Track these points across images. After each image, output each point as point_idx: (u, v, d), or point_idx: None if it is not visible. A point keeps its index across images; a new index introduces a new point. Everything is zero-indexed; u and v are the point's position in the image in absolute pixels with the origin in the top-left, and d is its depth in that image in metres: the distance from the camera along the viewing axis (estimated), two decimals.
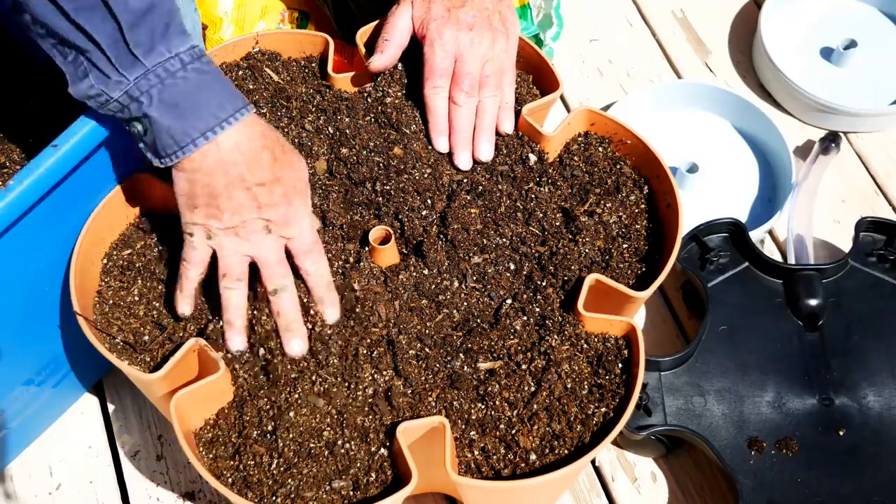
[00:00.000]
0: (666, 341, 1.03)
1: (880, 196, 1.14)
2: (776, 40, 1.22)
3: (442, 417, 0.72)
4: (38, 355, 0.86)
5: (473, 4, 0.85)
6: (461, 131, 0.85)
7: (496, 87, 0.86)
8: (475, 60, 0.84)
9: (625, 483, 0.94)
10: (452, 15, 0.84)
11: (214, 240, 0.74)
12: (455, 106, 0.85)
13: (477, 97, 0.85)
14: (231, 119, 0.70)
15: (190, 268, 0.76)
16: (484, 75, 0.85)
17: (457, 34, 0.84)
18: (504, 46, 0.86)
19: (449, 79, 0.85)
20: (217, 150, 0.70)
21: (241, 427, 0.74)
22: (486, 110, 0.86)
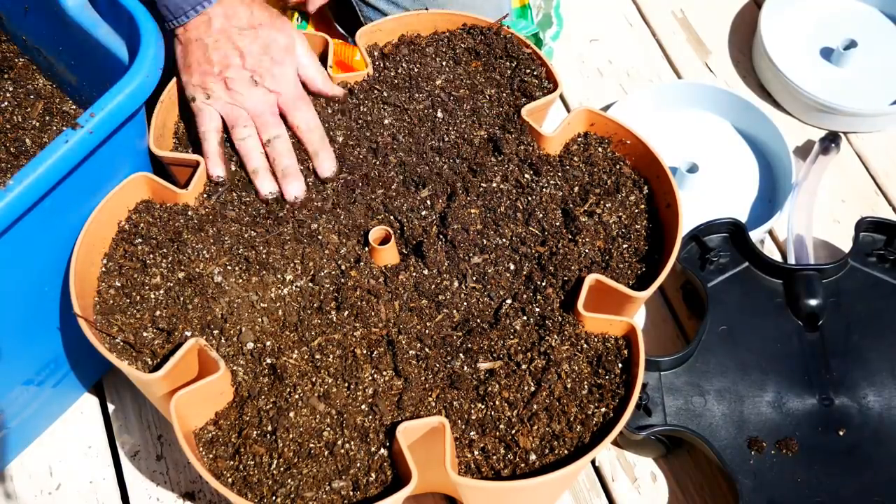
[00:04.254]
0: (666, 341, 1.03)
1: (880, 196, 1.14)
2: (776, 40, 1.22)
3: (442, 417, 0.72)
4: (38, 355, 0.86)
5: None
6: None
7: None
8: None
9: (625, 483, 0.94)
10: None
11: (212, 98, 0.82)
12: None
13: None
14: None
15: (205, 132, 0.83)
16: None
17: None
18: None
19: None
20: (205, 16, 0.81)
21: (241, 427, 0.74)
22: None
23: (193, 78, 0.83)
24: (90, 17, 0.81)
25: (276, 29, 0.84)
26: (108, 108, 0.73)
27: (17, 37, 0.93)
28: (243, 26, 0.82)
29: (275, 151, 0.83)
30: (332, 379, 0.77)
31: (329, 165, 0.84)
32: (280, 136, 0.84)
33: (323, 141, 0.85)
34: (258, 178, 0.83)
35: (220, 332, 0.77)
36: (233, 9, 0.82)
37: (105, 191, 0.79)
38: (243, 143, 0.83)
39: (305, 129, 0.85)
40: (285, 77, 0.84)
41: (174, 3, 0.80)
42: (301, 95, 0.85)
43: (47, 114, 0.91)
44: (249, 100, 0.83)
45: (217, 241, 0.82)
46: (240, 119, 0.83)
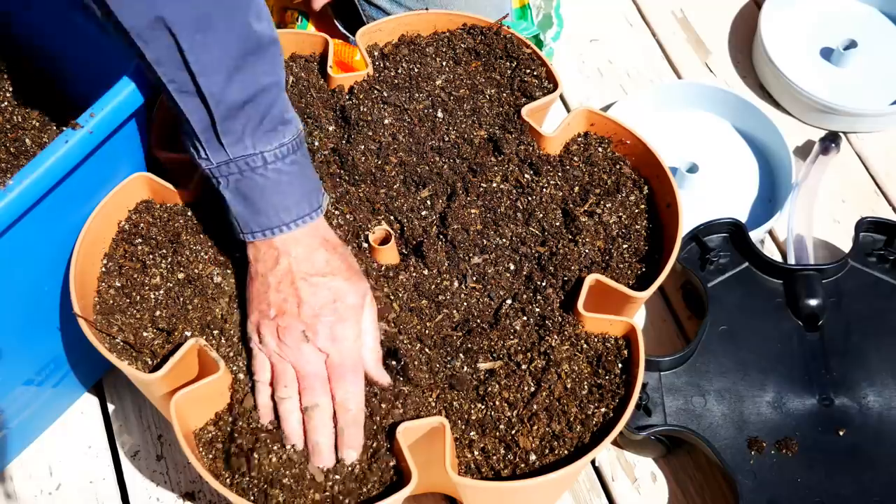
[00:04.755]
0: (666, 341, 1.03)
1: (880, 196, 1.14)
2: (776, 40, 1.22)
3: (442, 418, 0.72)
4: (39, 355, 0.86)
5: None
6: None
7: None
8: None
9: (625, 483, 0.94)
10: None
11: (263, 343, 0.74)
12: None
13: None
14: (292, 224, 0.73)
15: (257, 382, 0.75)
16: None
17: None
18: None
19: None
20: (274, 243, 0.74)
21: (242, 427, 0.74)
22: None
23: (252, 315, 0.75)
24: (90, 17, 0.81)
25: (349, 283, 0.75)
26: (108, 108, 0.73)
27: (18, 36, 0.93)
28: (312, 273, 0.73)
29: (311, 423, 0.73)
30: None
31: (351, 454, 0.73)
32: (319, 406, 0.73)
33: (357, 423, 0.74)
34: (289, 441, 0.74)
35: (220, 333, 0.77)
36: (308, 251, 0.74)
37: (105, 191, 0.79)
38: (282, 404, 0.74)
39: (342, 404, 0.74)
40: (342, 338, 0.74)
41: (243, 217, 0.73)
42: (352, 365, 0.74)
43: (47, 114, 0.91)
44: (297, 356, 0.73)
45: (217, 242, 0.82)
46: (284, 376, 0.74)
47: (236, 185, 0.72)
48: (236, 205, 0.73)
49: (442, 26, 0.95)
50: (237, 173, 0.71)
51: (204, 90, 0.68)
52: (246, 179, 0.72)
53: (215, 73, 0.67)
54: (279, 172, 0.72)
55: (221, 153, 0.71)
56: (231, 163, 0.71)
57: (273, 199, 0.72)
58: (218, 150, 0.71)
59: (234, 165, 0.71)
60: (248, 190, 0.72)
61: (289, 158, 0.72)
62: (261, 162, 0.71)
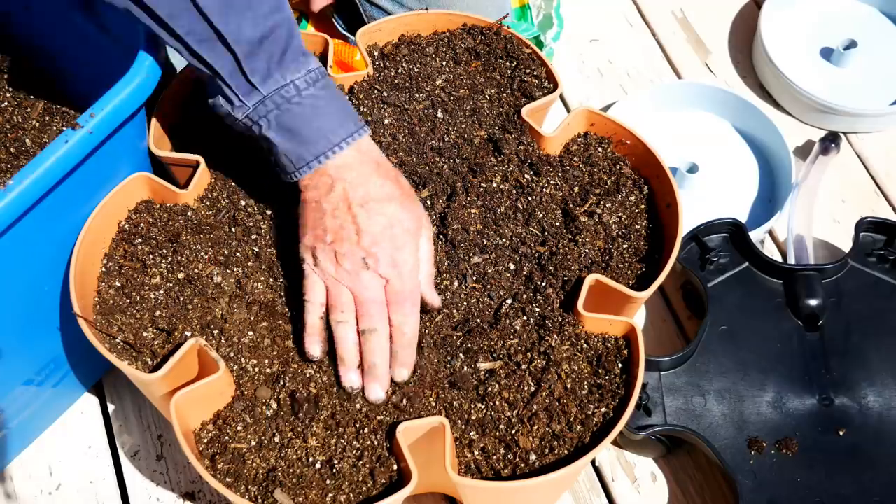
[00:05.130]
0: (666, 341, 1.03)
1: (880, 196, 1.14)
2: (776, 40, 1.22)
3: (442, 417, 0.72)
4: (38, 355, 0.86)
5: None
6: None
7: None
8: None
9: (625, 483, 0.94)
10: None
11: (319, 266, 0.75)
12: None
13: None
14: (343, 143, 0.73)
15: (308, 302, 0.76)
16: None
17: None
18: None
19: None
20: (327, 170, 0.73)
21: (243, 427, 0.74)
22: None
23: (306, 238, 0.75)
24: (90, 17, 0.81)
25: (405, 208, 0.75)
26: (108, 108, 0.73)
27: (18, 36, 0.93)
28: (368, 199, 0.73)
29: (368, 346, 0.75)
30: (331, 378, 0.77)
31: (404, 373, 0.76)
32: (377, 330, 0.75)
33: (411, 346, 0.76)
34: (344, 368, 0.75)
35: (219, 332, 0.77)
36: (363, 175, 0.74)
37: (105, 191, 0.79)
38: (338, 328, 0.75)
39: (398, 328, 0.75)
40: (402, 264, 0.75)
41: (294, 152, 0.73)
42: (411, 291, 0.75)
43: (47, 114, 0.91)
44: (356, 282, 0.74)
45: (216, 243, 0.82)
46: (340, 299, 0.75)
47: (277, 121, 0.72)
48: (283, 141, 0.73)
49: (442, 26, 0.95)
50: (275, 108, 0.72)
51: (222, 31, 0.68)
52: (285, 112, 0.72)
53: (227, 13, 0.68)
54: (315, 98, 0.72)
55: (255, 93, 0.71)
56: (266, 99, 0.72)
57: (317, 124, 0.72)
58: (250, 92, 0.71)
59: (269, 102, 0.72)
60: (290, 121, 0.72)
61: (320, 83, 0.73)
62: (294, 91, 0.72)
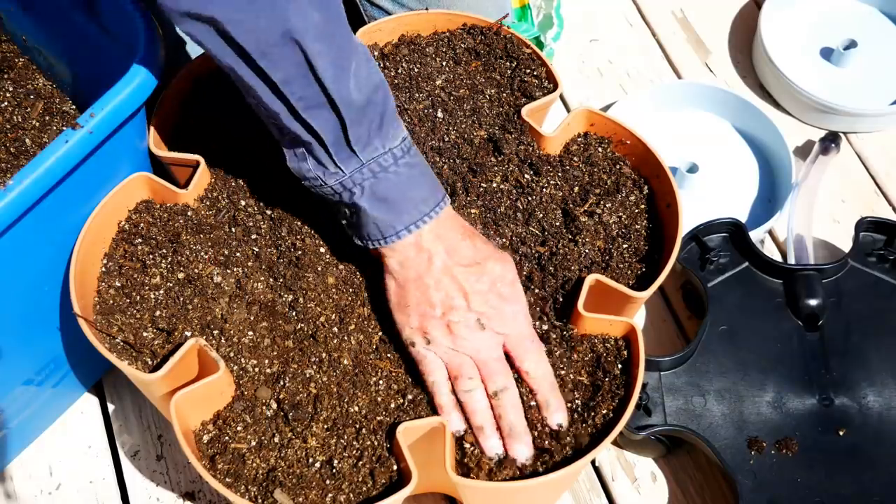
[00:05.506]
0: (666, 341, 1.03)
1: (880, 196, 1.14)
2: (776, 40, 1.22)
3: (442, 417, 0.72)
4: (38, 355, 0.86)
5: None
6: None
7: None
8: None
9: (625, 483, 0.94)
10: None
11: (433, 343, 0.74)
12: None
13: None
14: (432, 213, 0.73)
15: (434, 383, 0.74)
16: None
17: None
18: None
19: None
20: (421, 242, 0.73)
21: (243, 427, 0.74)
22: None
23: (411, 320, 0.74)
24: (90, 17, 0.81)
25: (500, 263, 0.75)
26: (108, 108, 0.73)
27: (17, 36, 0.93)
28: (467, 263, 0.73)
29: (502, 407, 0.73)
30: (331, 378, 0.77)
31: (560, 417, 0.74)
32: (508, 388, 0.74)
33: (553, 389, 0.75)
34: (484, 435, 0.73)
35: (219, 332, 0.77)
36: (454, 244, 0.73)
37: (105, 191, 0.79)
38: (468, 396, 0.74)
39: (534, 375, 0.74)
40: (515, 316, 0.74)
41: (384, 220, 0.72)
42: (531, 335, 0.75)
43: (47, 114, 0.91)
44: (474, 345, 0.73)
45: (216, 243, 0.82)
46: (464, 368, 0.74)
47: (372, 189, 0.71)
48: (375, 210, 0.71)
49: (442, 26, 0.95)
50: (371, 177, 0.71)
51: (335, 97, 0.67)
52: (381, 180, 0.71)
53: (341, 78, 0.67)
54: (410, 166, 0.72)
55: (353, 160, 0.70)
56: (364, 167, 0.70)
57: (410, 194, 0.72)
58: (349, 159, 0.70)
59: (366, 170, 0.70)
60: (385, 190, 0.71)
61: (412, 150, 0.73)
62: (391, 160, 0.71)
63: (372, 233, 0.73)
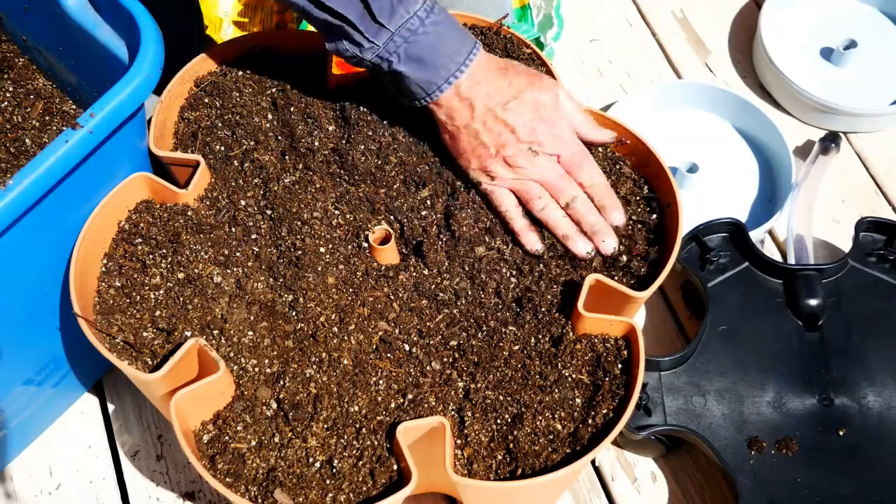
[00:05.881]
0: (666, 341, 1.03)
1: (880, 196, 1.14)
2: (776, 40, 1.22)
3: (442, 417, 0.72)
4: (38, 355, 0.86)
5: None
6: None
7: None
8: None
9: (625, 483, 0.94)
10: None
11: (497, 179, 0.81)
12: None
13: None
14: (467, 61, 0.79)
15: (506, 211, 0.82)
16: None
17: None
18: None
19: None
20: (460, 92, 0.80)
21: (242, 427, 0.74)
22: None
23: (472, 163, 0.82)
24: (90, 17, 0.81)
25: (537, 89, 0.81)
26: (108, 108, 0.73)
27: (17, 37, 0.93)
28: (506, 101, 0.80)
29: (578, 213, 0.81)
30: (331, 378, 0.77)
31: (619, 216, 0.82)
32: (577, 196, 0.82)
33: (610, 193, 0.83)
34: (571, 241, 0.81)
35: (219, 332, 0.77)
36: (492, 85, 0.80)
37: (105, 191, 0.79)
38: (545, 213, 0.82)
39: (590, 184, 0.82)
40: (562, 136, 0.82)
41: (424, 79, 0.79)
42: (581, 151, 0.83)
43: (47, 114, 0.91)
44: (535, 171, 0.81)
45: (216, 243, 0.82)
46: (532, 191, 0.82)
47: (407, 53, 0.78)
48: (414, 71, 0.78)
49: None
50: (403, 43, 0.77)
51: None
52: (412, 44, 0.77)
53: None
54: (436, 24, 0.78)
55: (383, 32, 0.77)
56: (395, 35, 0.77)
57: (443, 49, 0.78)
58: (379, 32, 0.77)
59: (398, 37, 0.77)
60: (419, 52, 0.78)
61: (436, 9, 0.78)
62: (418, 22, 0.77)
63: (417, 93, 0.80)
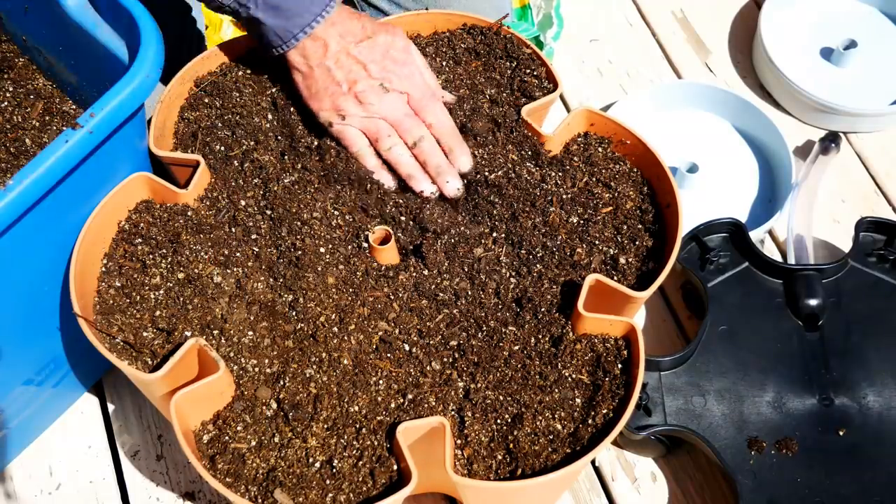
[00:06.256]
0: (666, 341, 1.03)
1: (880, 196, 1.14)
2: (776, 40, 1.22)
3: (442, 417, 0.72)
4: (38, 355, 0.86)
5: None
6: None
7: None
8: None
9: (625, 483, 0.94)
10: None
11: (348, 117, 0.82)
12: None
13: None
14: (324, 13, 0.80)
15: (357, 151, 0.83)
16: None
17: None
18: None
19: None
20: (317, 34, 0.81)
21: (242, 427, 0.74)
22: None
23: (324, 103, 0.83)
24: (90, 17, 0.81)
25: (390, 34, 0.84)
26: (108, 108, 0.73)
27: (17, 37, 0.93)
28: (359, 39, 0.82)
29: (423, 153, 0.83)
30: (331, 378, 0.77)
31: (466, 161, 0.84)
32: (424, 136, 0.83)
33: (456, 135, 0.84)
34: (415, 181, 0.83)
35: (219, 332, 0.77)
36: (345, 26, 0.82)
37: (105, 191, 0.79)
38: (391, 153, 0.83)
39: (438, 125, 0.84)
40: (412, 76, 0.84)
41: (281, 27, 0.80)
42: (430, 93, 0.85)
43: (47, 114, 0.91)
44: (385, 107, 0.83)
45: (216, 243, 0.82)
46: (381, 130, 0.83)
47: (264, 1, 0.79)
48: (270, 18, 0.80)
49: (442, 26, 0.95)
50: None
51: None
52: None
53: None
54: None
55: None
56: None
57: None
58: None
59: None
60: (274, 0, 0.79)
61: None
62: None
63: (274, 41, 0.81)
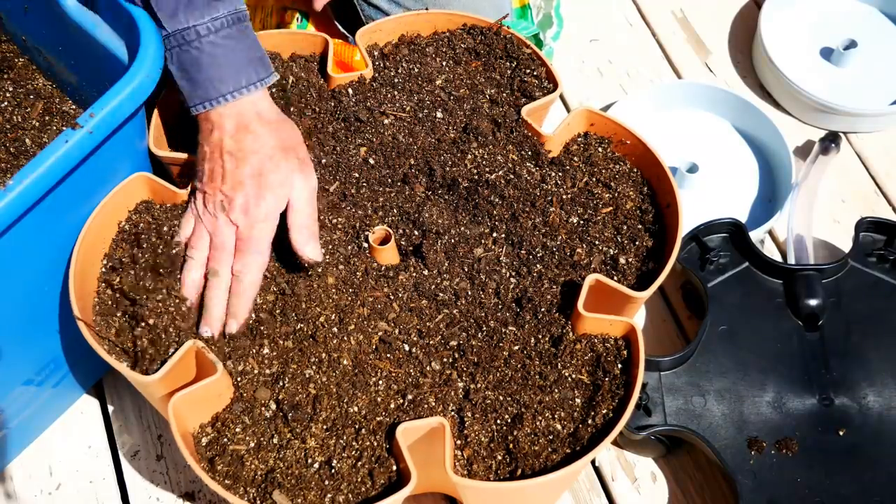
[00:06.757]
0: (666, 341, 1.03)
1: (880, 196, 1.14)
2: (776, 40, 1.22)
3: (442, 418, 0.72)
4: (38, 355, 0.86)
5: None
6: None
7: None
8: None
9: (625, 483, 0.94)
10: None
11: (195, 204, 0.79)
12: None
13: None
14: (228, 96, 0.76)
15: (181, 230, 0.79)
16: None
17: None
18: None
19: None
20: (211, 116, 0.77)
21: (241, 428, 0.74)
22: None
23: (196, 172, 0.79)
24: (90, 17, 0.81)
25: (273, 162, 0.77)
26: (108, 108, 0.73)
27: (17, 37, 0.93)
28: (237, 148, 0.76)
29: (209, 289, 0.77)
30: (331, 378, 0.77)
31: (234, 325, 0.77)
32: (220, 275, 0.77)
33: (244, 296, 0.77)
34: (183, 288, 0.78)
35: None
36: (237, 127, 0.76)
37: (105, 191, 0.79)
38: (188, 260, 0.78)
39: (237, 276, 0.77)
40: (254, 215, 0.76)
41: (186, 91, 0.77)
42: (256, 242, 0.77)
43: (47, 114, 0.91)
44: (213, 225, 0.77)
45: None
46: (199, 239, 0.78)
47: (178, 59, 0.76)
48: (179, 78, 0.77)
49: (442, 26, 0.95)
50: (177, 47, 0.76)
51: None
52: (185, 53, 0.76)
53: None
54: (213, 45, 0.75)
55: (161, 28, 0.75)
56: (170, 37, 0.75)
57: (209, 72, 0.76)
58: (159, 25, 0.75)
59: (173, 39, 0.75)
60: (187, 63, 0.76)
61: (223, 32, 0.76)
62: (194, 35, 0.75)
63: (182, 99, 0.78)
